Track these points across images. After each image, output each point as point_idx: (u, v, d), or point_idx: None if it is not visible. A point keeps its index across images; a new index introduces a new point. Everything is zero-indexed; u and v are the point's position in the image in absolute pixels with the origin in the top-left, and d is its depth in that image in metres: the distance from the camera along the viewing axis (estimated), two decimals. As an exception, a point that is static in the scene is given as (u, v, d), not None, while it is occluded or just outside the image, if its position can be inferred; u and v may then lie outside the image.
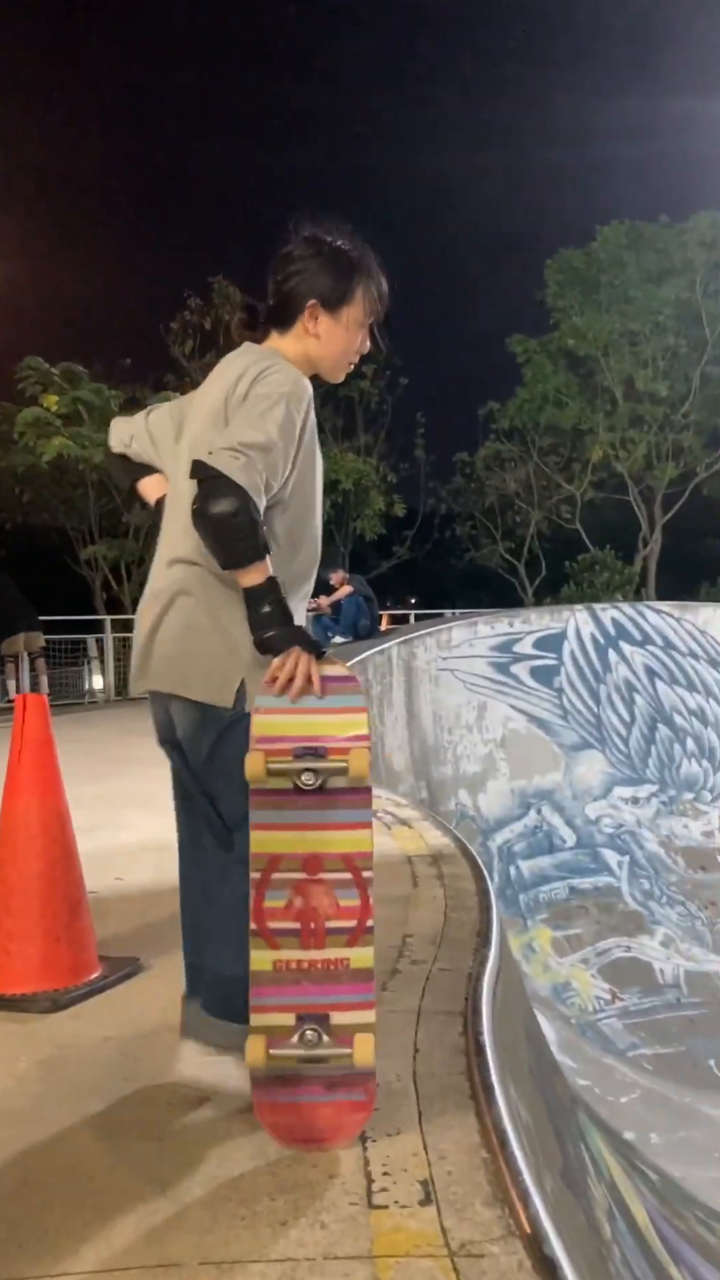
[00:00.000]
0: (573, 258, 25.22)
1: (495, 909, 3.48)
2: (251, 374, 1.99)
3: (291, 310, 2.08)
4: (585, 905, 11.35)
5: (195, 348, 22.82)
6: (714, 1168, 6.73)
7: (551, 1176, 2.48)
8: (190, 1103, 2.01)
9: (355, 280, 2.09)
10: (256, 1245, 1.53)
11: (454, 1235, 1.55)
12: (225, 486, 1.80)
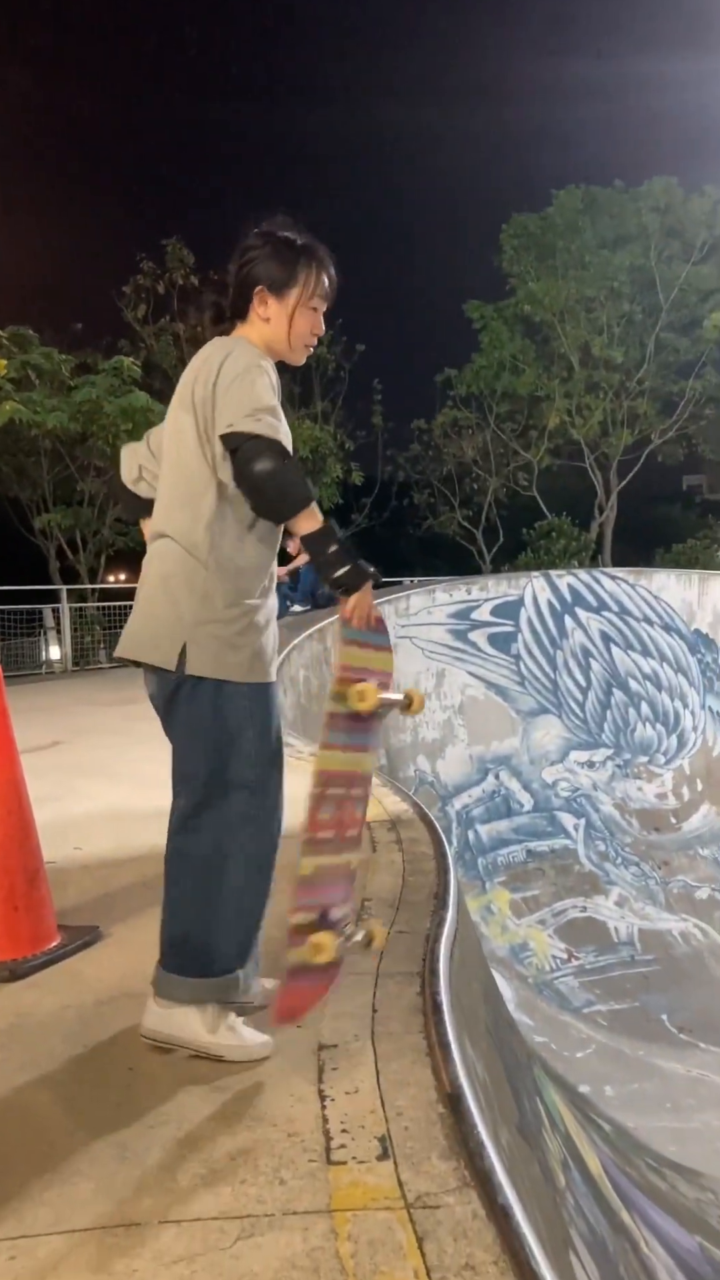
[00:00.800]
0: (528, 222, 25.10)
1: (453, 872, 3.52)
2: (217, 359, 2.10)
3: (245, 298, 2.21)
4: (542, 867, 11.55)
5: (149, 312, 22.44)
6: (665, 1117, 6.93)
7: (507, 1130, 2.54)
8: (151, 1069, 2.03)
9: (299, 265, 2.20)
10: (216, 1203, 1.55)
11: (410, 1188, 1.59)
12: (262, 445, 1.95)
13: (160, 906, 2.16)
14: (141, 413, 15.97)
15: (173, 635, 2.06)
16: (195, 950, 2.05)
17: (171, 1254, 1.43)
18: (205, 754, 2.06)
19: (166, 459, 2.18)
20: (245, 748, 2.08)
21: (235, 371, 2.05)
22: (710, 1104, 7.50)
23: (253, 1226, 1.49)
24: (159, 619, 2.08)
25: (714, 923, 11.50)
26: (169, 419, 2.19)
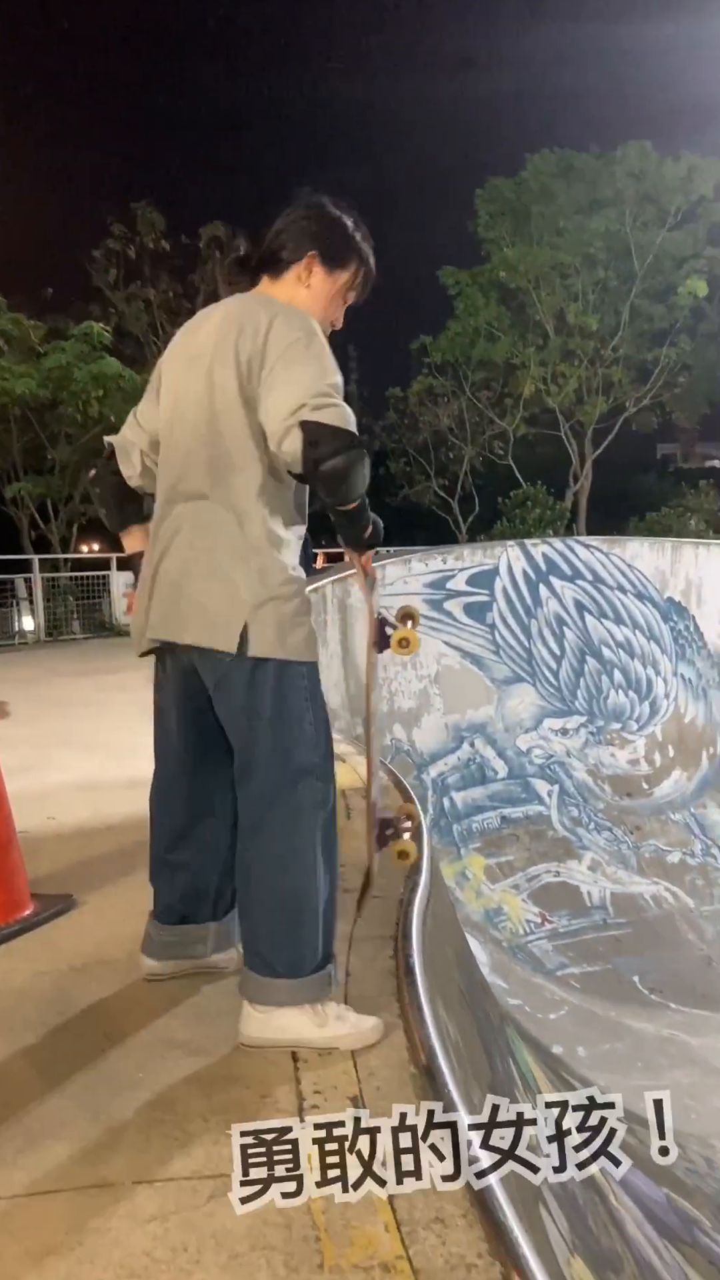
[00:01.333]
0: (503, 187, 24.83)
1: (427, 838, 3.55)
2: (264, 315, 1.98)
3: (289, 256, 2.11)
4: (516, 833, 11.66)
5: (120, 277, 22.09)
6: (636, 1076, 7.07)
7: (480, 1089, 2.58)
8: (126, 1034, 2.05)
9: (355, 250, 2.16)
10: (190, 1164, 1.57)
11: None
12: (330, 438, 1.85)
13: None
14: (112, 379, 15.76)
15: (231, 615, 1.93)
16: (288, 951, 1.95)
17: (145, 1213, 1.45)
18: (273, 741, 1.96)
19: (191, 417, 2.03)
20: (309, 731, 1.99)
21: (293, 336, 1.94)
22: (680, 1062, 7.66)
23: (226, 1185, 1.50)
24: (212, 597, 1.95)
25: (685, 886, 11.69)
26: (193, 375, 2.05)
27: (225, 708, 2.02)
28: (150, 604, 2.06)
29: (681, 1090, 6.92)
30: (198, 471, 2.01)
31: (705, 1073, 7.40)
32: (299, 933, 1.96)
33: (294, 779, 1.96)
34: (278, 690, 1.96)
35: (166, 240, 22.15)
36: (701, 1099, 6.67)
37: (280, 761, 1.96)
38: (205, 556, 1.98)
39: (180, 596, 2.00)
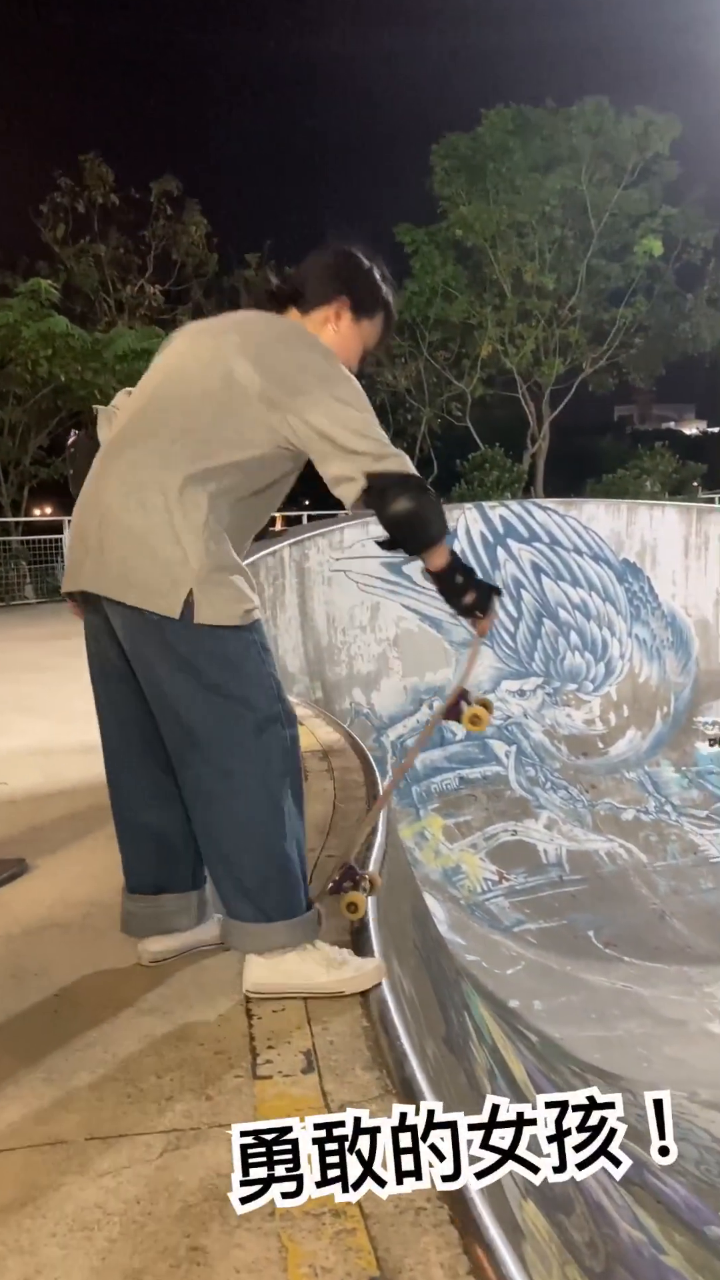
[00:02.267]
0: (459, 143, 24.51)
1: (383, 795, 3.57)
2: (292, 333, 2.04)
3: (318, 298, 2.16)
4: (474, 794, 11.80)
5: (68, 233, 21.56)
6: (591, 1027, 7.25)
7: (434, 1042, 2.62)
8: (79, 996, 2.04)
9: (382, 306, 2.23)
10: (142, 1119, 1.58)
11: (334, 1098, 1.63)
12: (399, 485, 1.91)
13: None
14: (62, 338, 15.42)
15: (177, 579, 1.87)
16: (278, 891, 1.95)
17: (97, 1168, 1.45)
18: (230, 702, 1.92)
19: (185, 382, 2.00)
20: (265, 683, 1.97)
21: (326, 371, 1.97)
22: (633, 1013, 7.85)
23: (179, 1140, 1.52)
24: (158, 558, 1.89)
25: (639, 842, 11.93)
26: (197, 346, 2.05)
27: (158, 671, 1.95)
28: (90, 549, 1.97)
29: (634, 1040, 7.12)
30: (171, 433, 1.95)
31: (657, 1023, 7.61)
32: (287, 874, 1.96)
33: (259, 729, 1.94)
34: (228, 655, 1.92)
35: (116, 194, 21.64)
36: (653, 1048, 6.87)
37: (239, 717, 1.92)
38: (162, 516, 1.90)
39: (123, 550, 1.92)
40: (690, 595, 14.89)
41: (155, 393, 2.05)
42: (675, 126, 23.54)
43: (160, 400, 2.02)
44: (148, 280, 22.66)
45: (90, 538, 1.97)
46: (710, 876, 11.57)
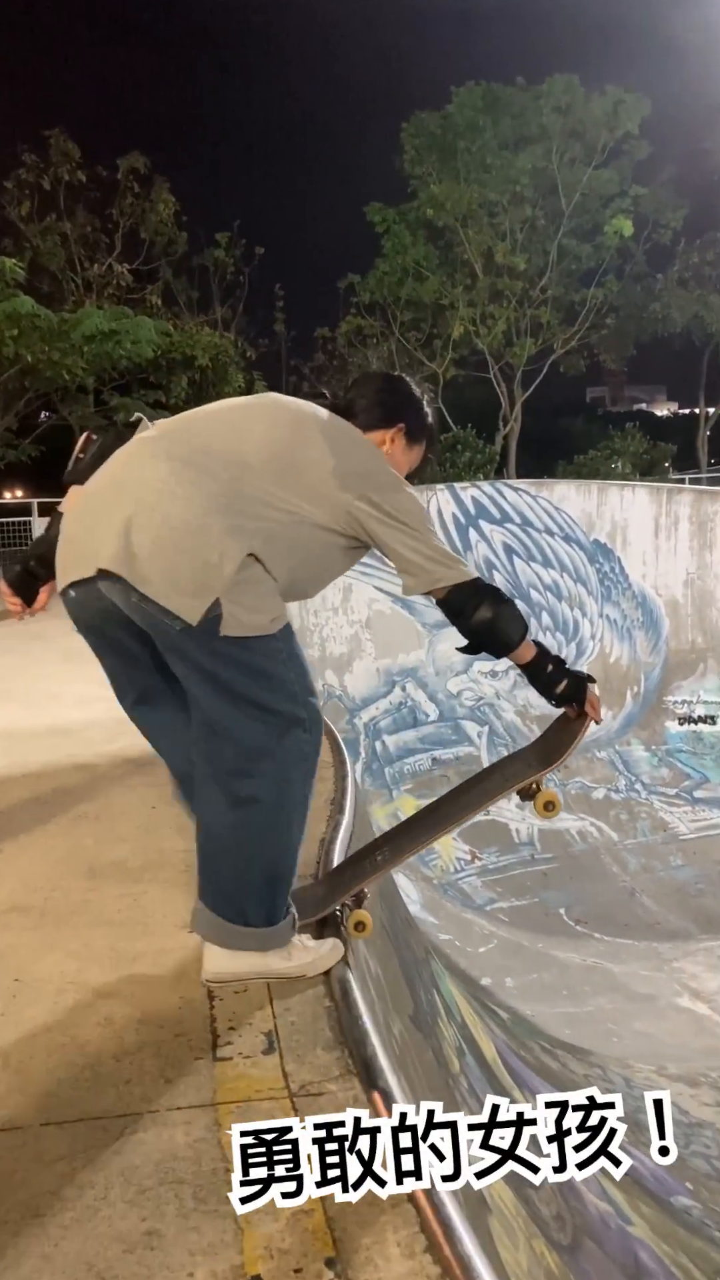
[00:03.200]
0: (429, 121, 24.33)
1: (351, 779, 3.56)
2: (355, 436, 2.11)
3: (377, 420, 2.24)
4: (447, 774, 11.83)
5: (33, 210, 21.20)
6: (562, 1003, 7.31)
7: (400, 1021, 2.62)
8: (38, 979, 2.02)
9: (428, 432, 2.36)
10: (100, 1103, 1.56)
11: (294, 1078, 1.62)
12: (476, 595, 2.04)
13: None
14: (27, 318, 15.18)
15: (207, 585, 1.80)
16: (262, 900, 1.92)
17: (52, 1153, 1.44)
18: (250, 708, 1.87)
19: (245, 421, 2.04)
20: (290, 688, 1.92)
21: (395, 482, 2.09)
22: (603, 989, 7.93)
23: (136, 1123, 1.51)
24: (192, 556, 1.82)
25: (609, 821, 12.03)
26: (271, 413, 2.07)
27: (181, 670, 1.91)
28: (94, 529, 1.88)
29: (604, 1015, 7.19)
30: (230, 464, 1.92)
31: (627, 998, 7.69)
32: (275, 884, 1.94)
33: (281, 733, 1.89)
34: (251, 664, 1.87)
35: (83, 171, 21.31)
36: (623, 1024, 6.94)
37: (264, 720, 1.88)
38: (203, 517, 1.83)
39: (155, 539, 1.82)
40: (660, 575, 14.97)
41: (215, 422, 2.04)
42: (644, 105, 23.49)
43: (220, 431, 2.00)
44: (115, 259, 22.36)
45: (111, 522, 1.85)
46: (679, 854, 11.70)
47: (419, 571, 2.04)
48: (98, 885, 2.54)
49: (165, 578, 1.81)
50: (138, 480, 1.89)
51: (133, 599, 1.83)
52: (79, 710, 4.77)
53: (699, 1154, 4.37)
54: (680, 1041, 6.86)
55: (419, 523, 2.07)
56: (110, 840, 2.91)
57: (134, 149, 22.05)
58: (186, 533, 1.82)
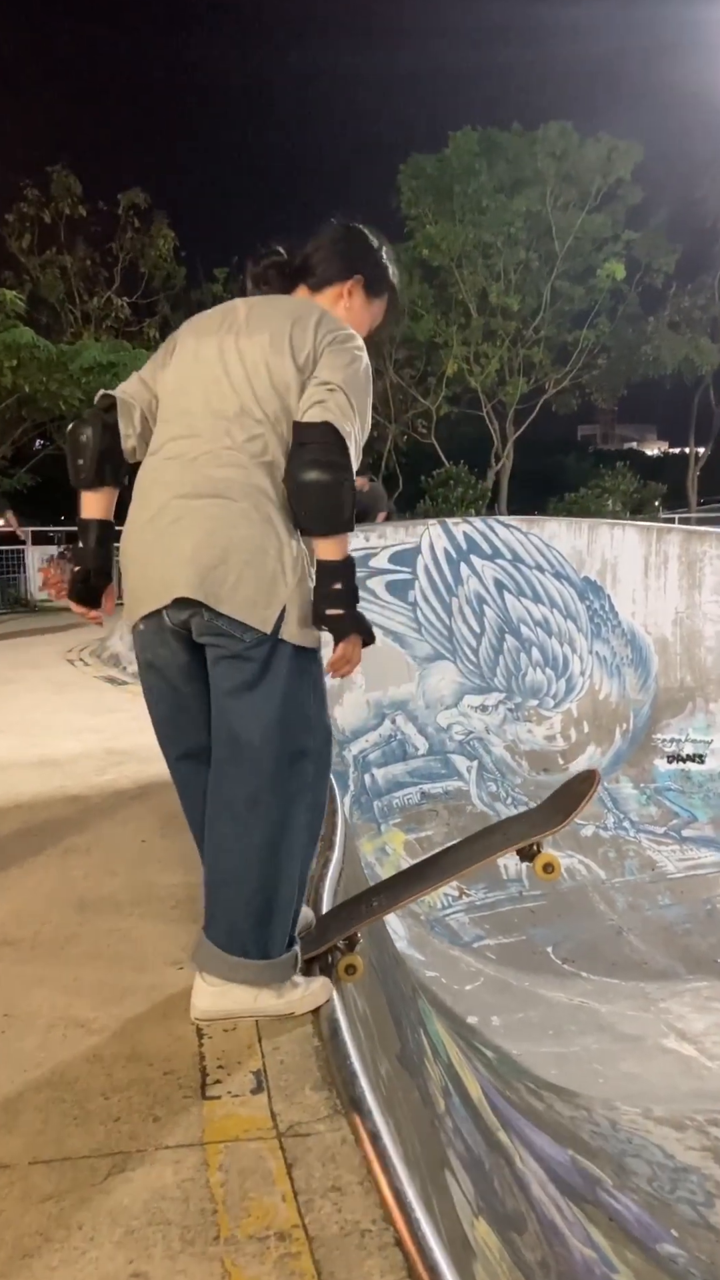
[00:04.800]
0: (425, 164, 24.76)
1: (341, 814, 3.57)
2: (313, 314, 2.01)
3: (330, 274, 2.16)
4: (436, 809, 11.80)
5: (34, 243, 21.45)
6: (548, 1043, 7.25)
7: (388, 1060, 2.62)
8: (27, 1014, 2.02)
9: (390, 283, 2.25)
10: (88, 1142, 1.56)
11: (283, 1118, 1.62)
12: (334, 454, 1.87)
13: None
14: (27, 349, 15.32)
15: (274, 593, 1.88)
16: (261, 933, 1.93)
17: (40, 1192, 1.44)
18: (279, 719, 1.90)
19: (223, 387, 1.96)
20: (310, 715, 1.95)
21: (350, 357, 1.97)
22: (590, 1029, 7.88)
23: (124, 1162, 1.51)
24: (258, 568, 1.87)
25: (597, 858, 12.00)
26: (230, 348, 1.99)
27: (228, 680, 1.92)
28: (164, 561, 1.91)
29: (591, 1056, 7.13)
30: (214, 425, 1.94)
31: (614, 1039, 7.64)
32: (275, 915, 1.94)
33: (292, 762, 1.92)
34: (292, 674, 1.91)
35: (84, 206, 21.60)
36: (608, 1064, 6.89)
37: (284, 744, 1.91)
38: (261, 525, 1.89)
39: (220, 554, 1.87)
40: (650, 613, 15.05)
41: (208, 401, 1.99)
42: (638, 152, 23.97)
43: (218, 407, 1.97)
44: (114, 292, 22.61)
45: (178, 551, 1.90)
46: (667, 892, 11.66)
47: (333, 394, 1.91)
48: (88, 919, 2.54)
49: (238, 593, 1.87)
50: (188, 508, 1.91)
51: (205, 617, 1.89)
52: (70, 741, 4.77)
53: (685, 1199, 4.33)
54: (667, 1083, 6.81)
55: (354, 381, 1.95)
56: (100, 874, 2.91)
57: (135, 185, 22.39)
58: (251, 548, 1.88)
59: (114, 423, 2.06)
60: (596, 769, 2.26)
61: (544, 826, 2.23)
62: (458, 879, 2.40)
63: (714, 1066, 7.14)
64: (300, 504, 1.90)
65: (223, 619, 1.87)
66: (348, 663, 1.99)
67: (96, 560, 2.11)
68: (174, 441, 1.98)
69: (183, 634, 1.96)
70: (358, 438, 1.94)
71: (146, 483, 2.00)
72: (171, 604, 1.91)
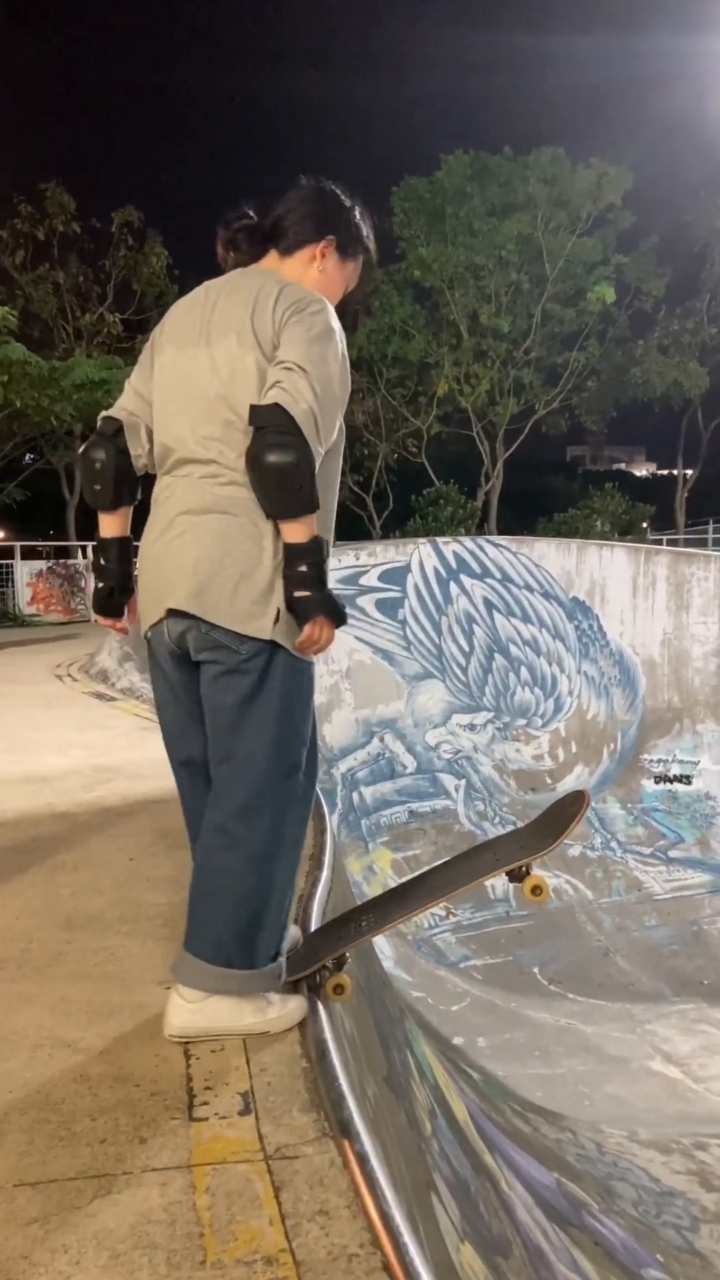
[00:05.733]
0: (418, 186, 25.02)
1: (330, 833, 3.56)
2: (273, 288, 1.97)
3: (303, 236, 2.11)
4: (423, 827, 11.79)
5: (27, 259, 21.52)
6: (534, 1064, 7.23)
7: (375, 1082, 2.61)
8: (13, 1034, 2.00)
9: (364, 246, 2.19)
10: (74, 1164, 1.55)
11: (270, 1140, 1.62)
12: (288, 435, 1.83)
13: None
14: (19, 365, 15.34)
15: (269, 601, 1.90)
16: (247, 944, 1.93)
17: (25, 1215, 1.42)
18: (274, 733, 1.92)
19: (200, 391, 1.97)
20: (300, 726, 1.97)
21: (307, 325, 1.91)
22: (576, 1050, 7.85)
23: (110, 1184, 1.50)
24: (253, 581, 1.90)
25: (584, 879, 11.99)
26: (202, 349, 1.99)
27: (226, 694, 1.94)
28: (168, 574, 1.96)
29: (576, 1078, 7.11)
30: (206, 446, 1.96)
31: (599, 1060, 7.61)
32: (262, 926, 1.95)
33: (283, 773, 1.94)
34: (285, 682, 1.93)
35: (78, 223, 21.71)
36: (595, 1086, 6.87)
37: (277, 754, 1.93)
38: (241, 533, 1.92)
39: (212, 568, 1.91)
40: (638, 634, 15.11)
41: (170, 410, 2.02)
42: (627, 178, 24.28)
43: (185, 417, 1.99)
44: (107, 309, 22.70)
45: (180, 563, 1.95)
46: (654, 913, 11.66)
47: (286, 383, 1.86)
48: (75, 937, 2.53)
49: (235, 606, 1.90)
50: (192, 523, 1.95)
51: (202, 630, 1.92)
52: (58, 757, 4.75)
53: (670, 1224, 4.31)
54: (652, 1106, 6.79)
55: (319, 363, 1.89)
56: (88, 892, 2.89)
57: (128, 203, 22.53)
58: (249, 561, 1.91)
59: (124, 445, 2.09)
60: (586, 790, 2.25)
61: (534, 848, 2.23)
62: (448, 900, 2.38)
63: (700, 1089, 7.13)
64: (260, 488, 1.88)
65: (219, 630, 1.91)
66: (314, 643, 1.93)
67: (118, 577, 2.16)
68: (179, 463, 2.02)
69: (179, 653, 2.00)
70: (317, 409, 1.87)
71: (160, 499, 2.06)
72: (170, 616, 1.96)
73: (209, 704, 1.98)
